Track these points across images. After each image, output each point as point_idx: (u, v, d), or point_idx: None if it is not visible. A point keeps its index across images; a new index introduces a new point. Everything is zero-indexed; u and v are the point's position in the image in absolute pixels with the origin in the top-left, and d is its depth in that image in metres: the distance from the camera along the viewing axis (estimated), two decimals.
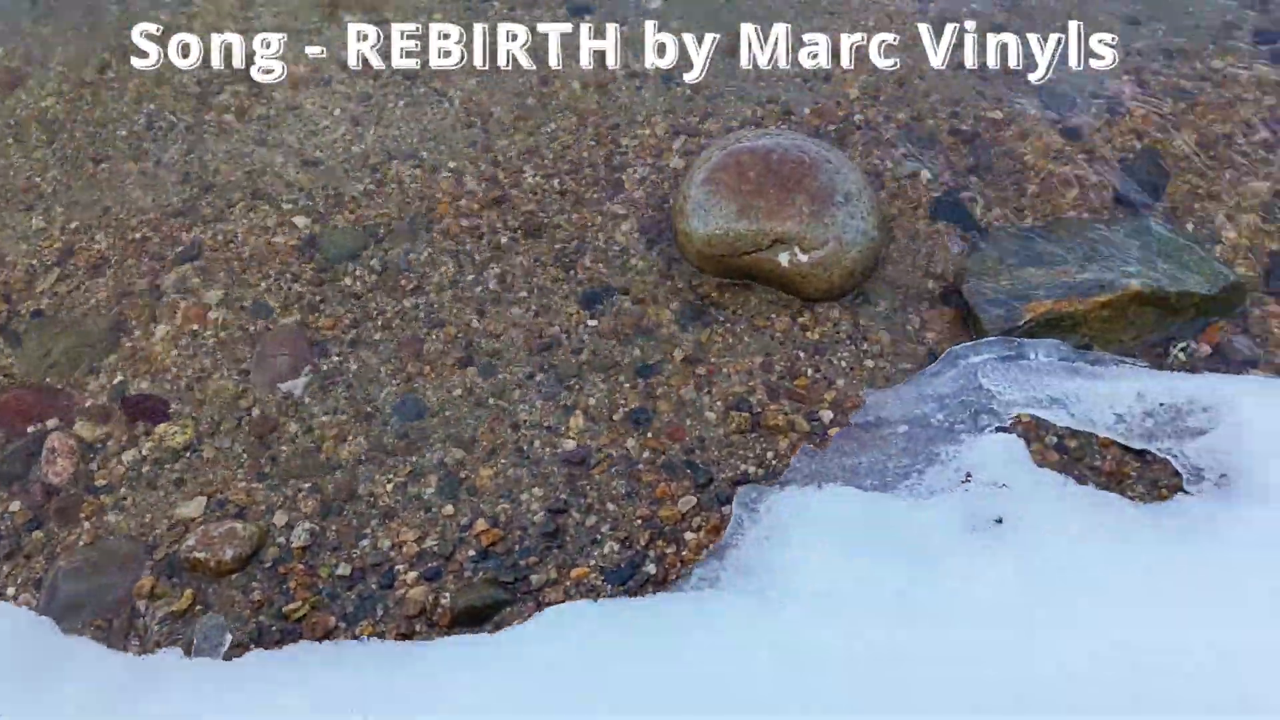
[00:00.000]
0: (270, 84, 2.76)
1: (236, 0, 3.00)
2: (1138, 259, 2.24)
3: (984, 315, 2.18)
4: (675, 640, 1.40)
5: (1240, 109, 2.61)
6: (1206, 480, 1.74)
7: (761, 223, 2.19)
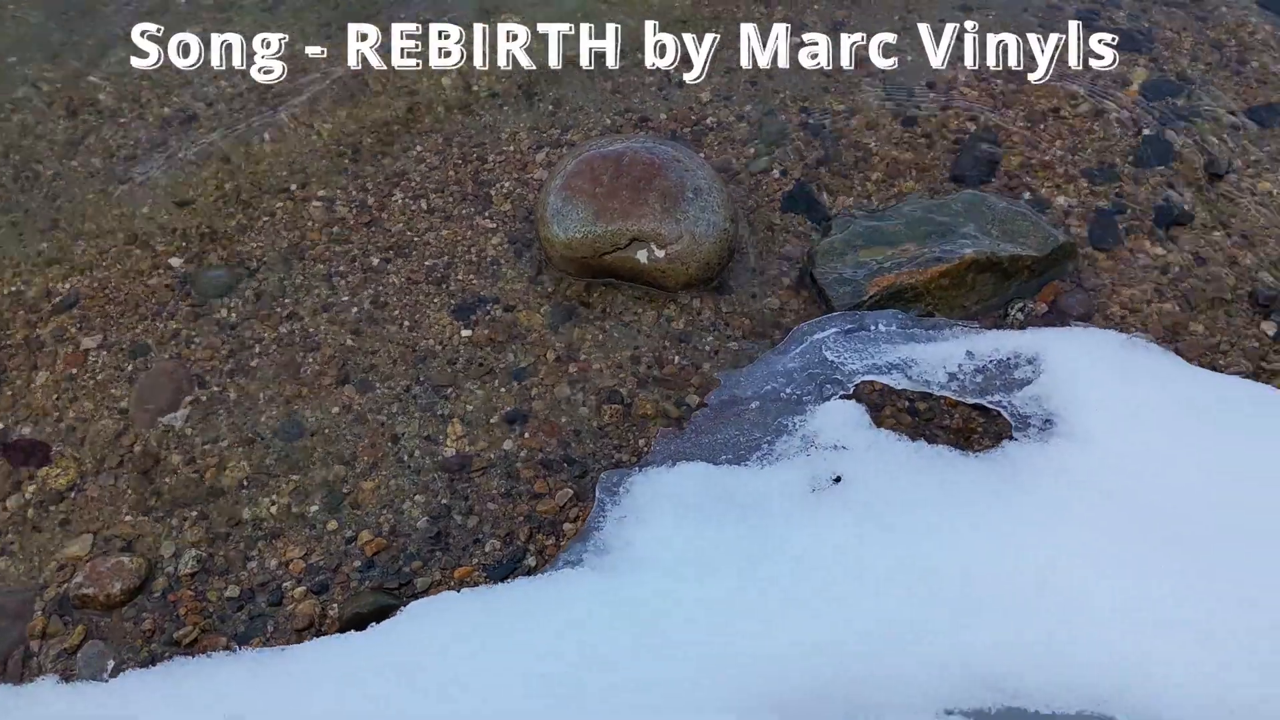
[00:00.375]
0: (137, 127, 2.80)
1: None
2: (974, 230, 2.40)
3: (833, 293, 2.32)
4: (532, 622, 1.48)
5: (1066, 84, 2.80)
6: (1032, 426, 1.88)
7: (617, 224, 2.29)
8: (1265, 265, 2.44)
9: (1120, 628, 1.49)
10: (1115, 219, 2.53)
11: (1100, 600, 1.52)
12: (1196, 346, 2.30)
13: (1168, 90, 2.79)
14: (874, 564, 1.58)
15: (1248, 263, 2.45)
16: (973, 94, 2.77)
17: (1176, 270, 2.43)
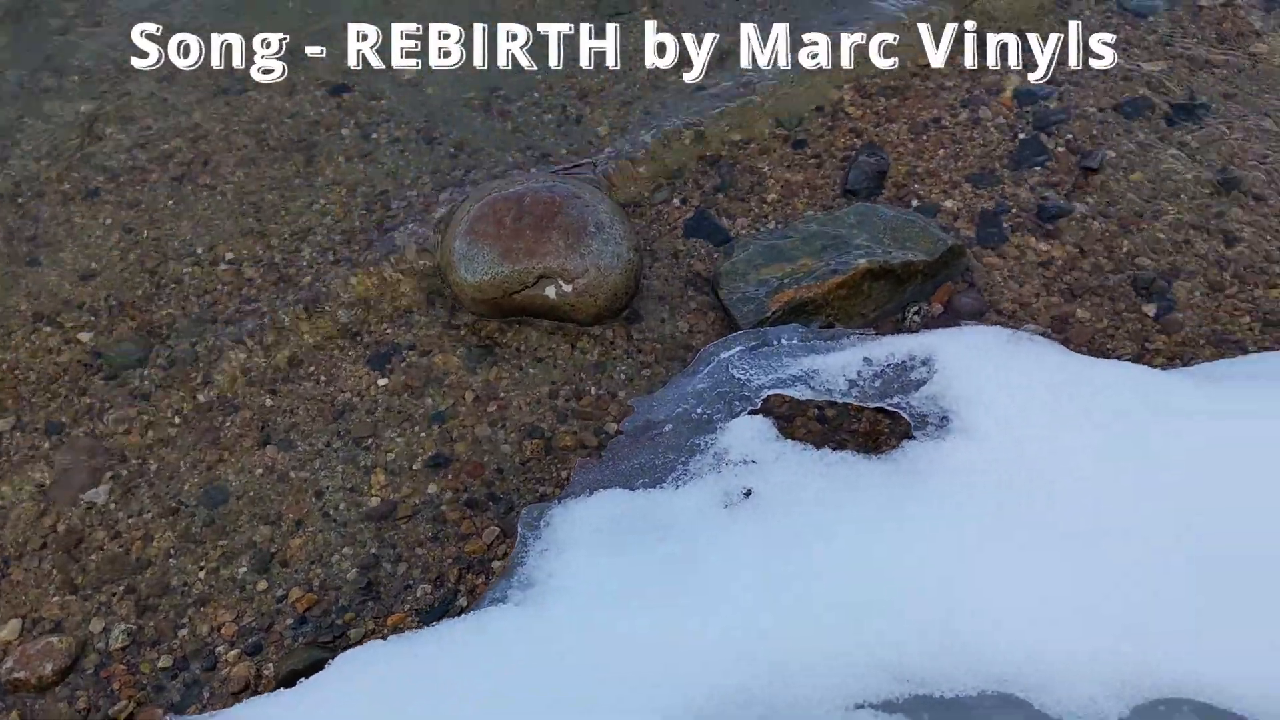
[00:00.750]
0: (37, 205, 2.78)
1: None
2: (867, 241, 2.50)
3: (737, 312, 2.41)
4: (456, 663, 1.52)
5: (946, 94, 2.94)
6: (930, 424, 1.98)
7: (524, 263, 2.35)
8: (1143, 250, 2.59)
9: (1017, 611, 1.58)
10: (1000, 219, 2.66)
11: (997, 587, 1.61)
12: (1084, 334, 2.43)
13: (1043, 94, 2.94)
14: (784, 570, 1.65)
15: (1126, 249, 2.59)
16: (856, 112, 2.89)
17: (1060, 263, 2.57)
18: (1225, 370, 2.16)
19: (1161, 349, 2.40)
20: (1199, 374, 2.14)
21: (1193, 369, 2.22)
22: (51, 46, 3.19)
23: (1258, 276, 2.52)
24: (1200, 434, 1.84)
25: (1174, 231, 2.62)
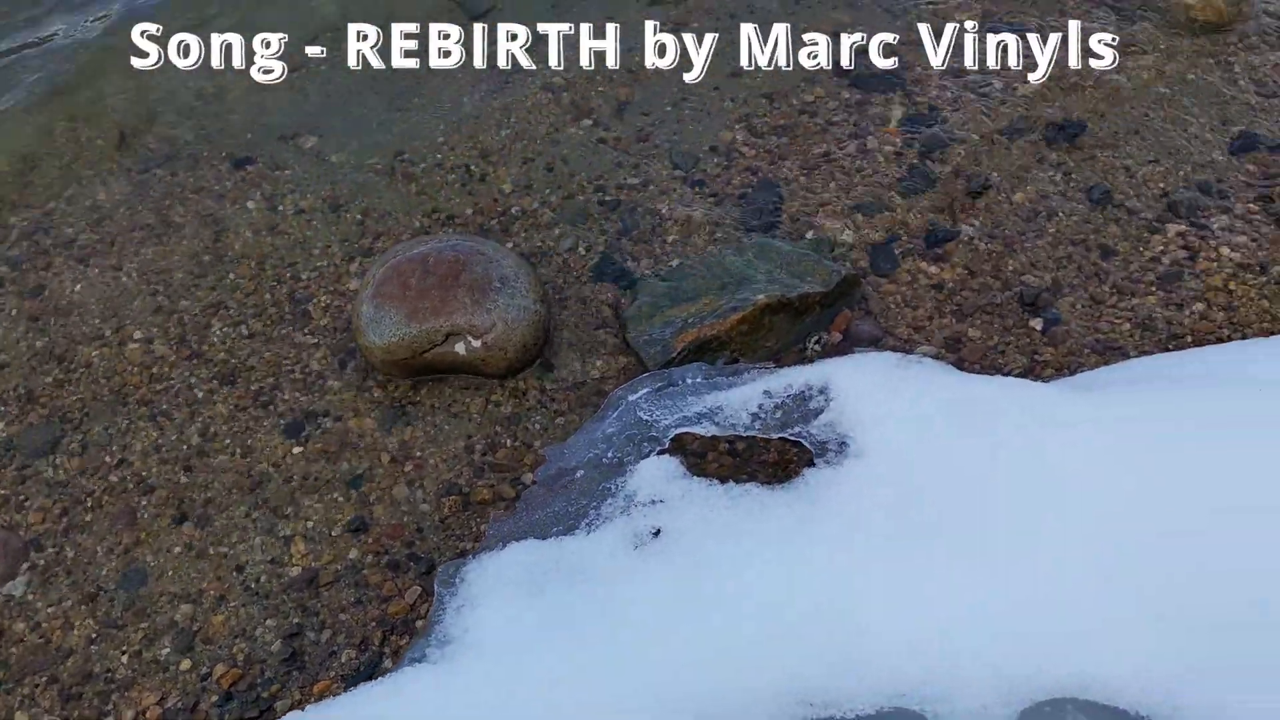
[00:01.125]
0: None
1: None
2: (765, 276, 2.59)
3: (645, 354, 2.47)
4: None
5: (833, 129, 3.06)
6: (830, 451, 2.06)
7: (431, 322, 2.40)
8: (1028, 268, 2.72)
9: (913, 627, 1.65)
10: (892, 246, 2.77)
11: (894, 604, 1.68)
12: (977, 351, 2.54)
13: (926, 121, 3.08)
14: (692, 606, 1.70)
15: (1012, 268, 2.72)
16: (750, 151, 2.99)
17: (951, 285, 2.69)
18: (1107, 377, 2.28)
19: (1050, 360, 2.51)
20: (1082, 383, 2.26)
21: (1077, 378, 2.34)
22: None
23: (1134, 285, 2.66)
24: (1083, 442, 1.94)
25: (1056, 248, 2.76)
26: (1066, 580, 1.71)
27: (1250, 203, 2.85)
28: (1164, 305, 2.61)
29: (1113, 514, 1.81)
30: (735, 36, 3.31)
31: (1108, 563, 1.73)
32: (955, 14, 3.38)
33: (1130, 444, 1.94)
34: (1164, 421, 1.91)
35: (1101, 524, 1.77)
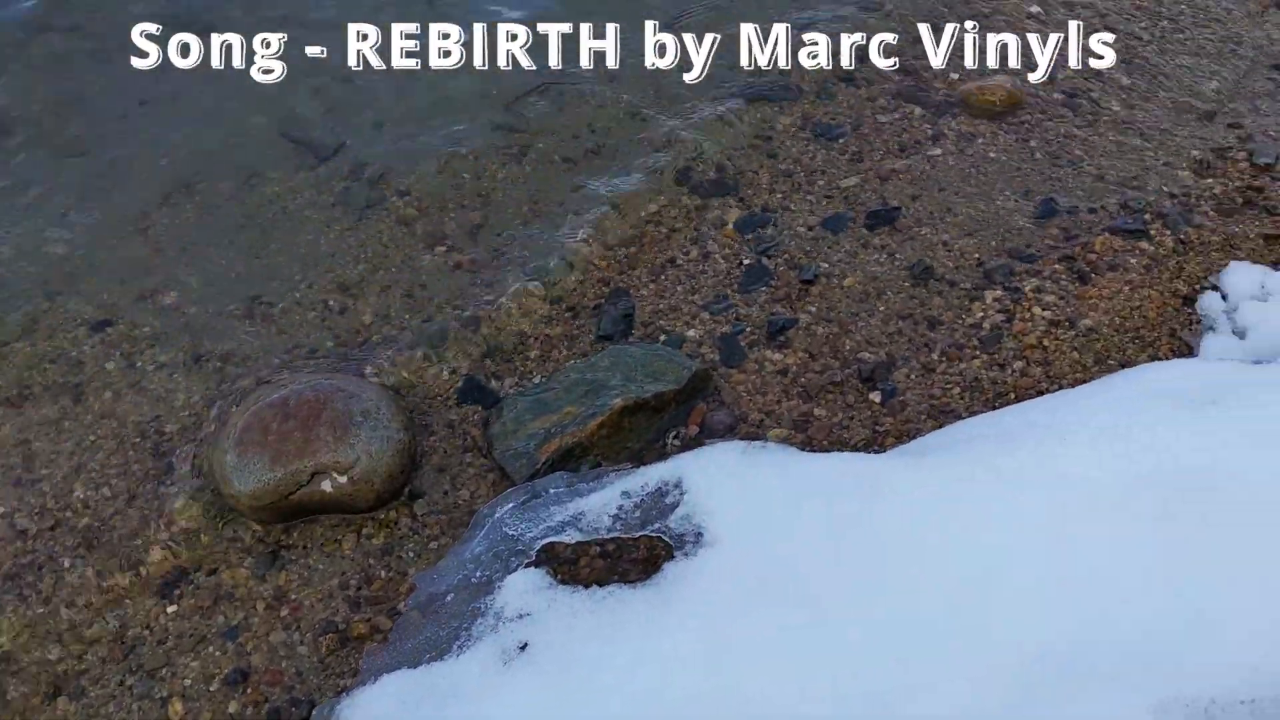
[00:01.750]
0: None
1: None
2: (621, 380, 2.73)
3: (511, 469, 2.56)
4: None
5: (676, 236, 3.26)
6: (688, 543, 2.16)
7: (295, 464, 2.44)
8: (863, 346, 2.92)
9: (770, 708, 1.74)
10: (738, 338, 2.95)
11: (751, 688, 1.78)
12: (824, 429, 2.71)
13: (759, 221, 3.30)
14: (561, 708, 1.76)
15: (849, 347, 2.92)
16: (601, 263, 3.16)
17: (795, 369, 2.86)
18: (936, 441, 2.46)
19: (890, 430, 2.69)
20: (914, 450, 2.43)
21: (912, 444, 2.51)
22: None
23: (960, 351, 2.88)
24: (910, 507, 2.09)
25: (887, 324, 2.98)
26: (897, 637, 1.83)
27: (1056, 263, 3.14)
28: (988, 367, 2.84)
29: (939, 572, 1.95)
30: (574, 152, 3.52)
31: (938, 619, 1.86)
32: (780, 118, 3.67)
33: (954, 506, 2.10)
34: (984, 482, 2.08)
35: (928, 582, 1.91)
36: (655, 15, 4.08)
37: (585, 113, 3.68)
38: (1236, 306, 2.81)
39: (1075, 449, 2.15)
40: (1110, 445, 2.01)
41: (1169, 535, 1.80)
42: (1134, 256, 3.14)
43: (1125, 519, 1.86)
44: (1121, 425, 2.05)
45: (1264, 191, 3.37)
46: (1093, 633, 1.70)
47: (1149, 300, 2.98)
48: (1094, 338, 2.88)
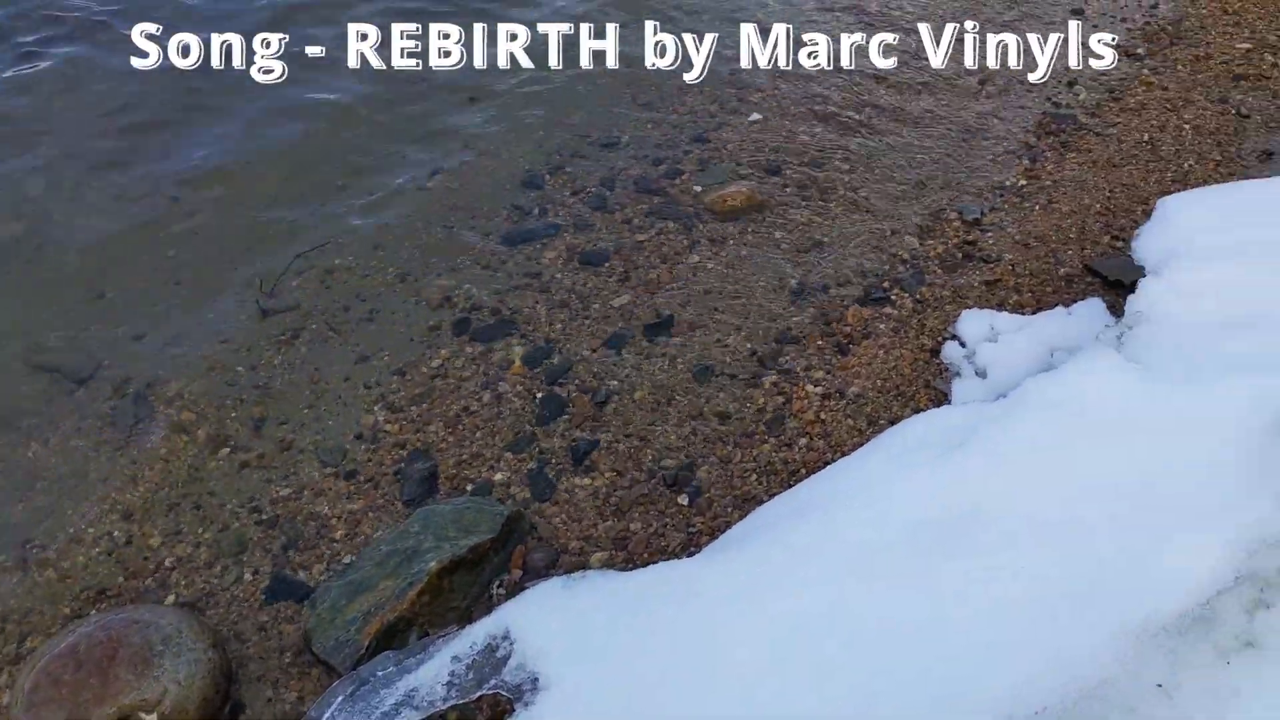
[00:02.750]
0: None
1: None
2: (434, 541, 2.72)
3: (335, 661, 2.49)
4: None
5: (466, 384, 3.33)
6: (525, 692, 2.17)
7: (98, 710, 2.28)
8: (664, 453, 3.06)
9: None
10: (544, 472, 3.02)
11: None
12: (641, 542, 2.80)
13: (544, 354, 3.43)
14: None
15: (651, 457, 3.05)
16: (394, 428, 3.18)
17: (604, 490, 2.96)
18: (742, 530, 2.59)
19: (703, 528, 2.82)
20: (722, 544, 2.55)
21: (719, 540, 2.64)
22: None
23: (751, 439, 3.07)
24: (717, 602, 2.19)
25: (681, 427, 3.13)
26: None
27: (818, 340, 3.42)
28: (777, 449, 3.03)
29: (750, 666, 2.04)
30: (348, 325, 3.55)
31: (734, 708, 1.95)
32: (545, 254, 3.85)
33: (753, 590, 2.21)
34: (778, 561, 2.21)
35: (741, 679, 2.00)
36: (409, 169, 4.24)
37: (351, 283, 3.73)
38: (974, 350, 3.15)
39: (851, 512, 2.34)
40: (880, 504, 2.20)
41: (937, 578, 1.98)
42: (882, 322, 3.47)
43: (897, 573, 2.03)
44: (886, 483, 2.25)
45: (977, 244, 3.82)
46: (880, 684, 1.82)
47: (902, 359, 3.29)
48: (862, 403, 3.14)
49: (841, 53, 5.05)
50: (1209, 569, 1.80)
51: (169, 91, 4.72)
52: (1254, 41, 5.00)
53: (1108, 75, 4.86)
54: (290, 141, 4.46)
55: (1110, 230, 3.82)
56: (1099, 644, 1.72)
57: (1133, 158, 4.23)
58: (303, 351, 3.47)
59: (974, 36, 5.19)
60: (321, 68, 4.96)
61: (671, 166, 4.33)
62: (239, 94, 4.74)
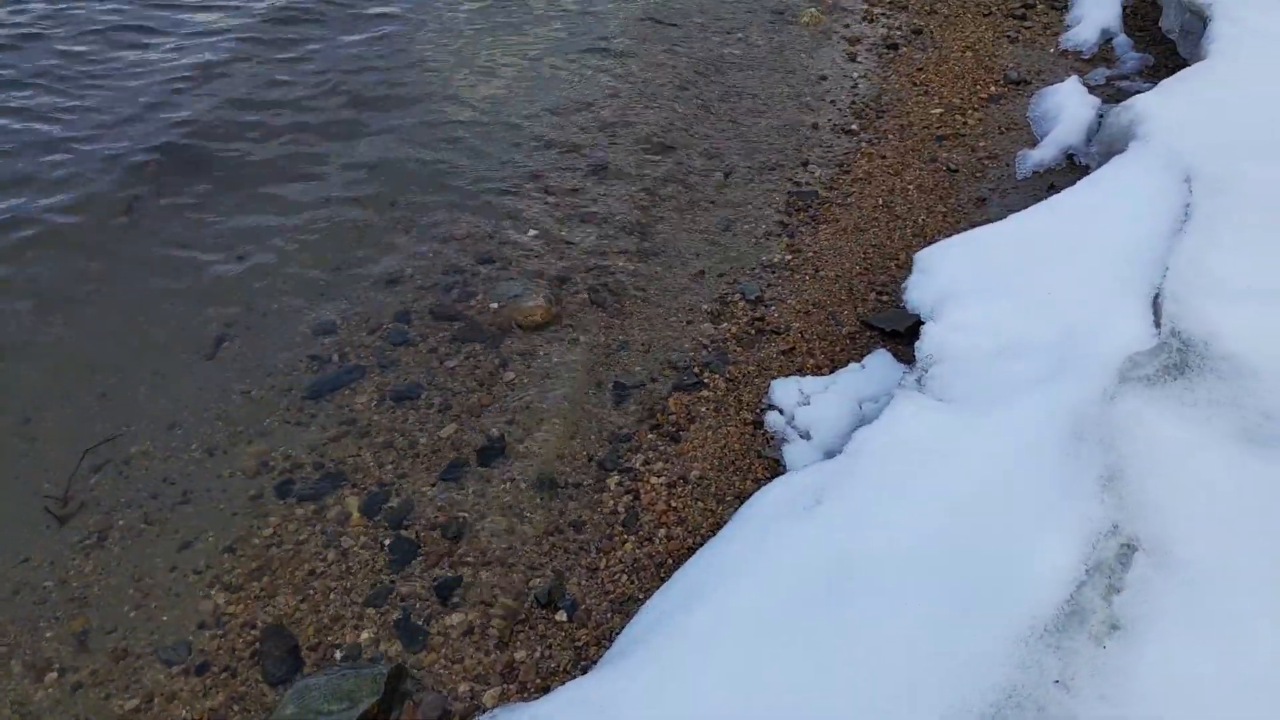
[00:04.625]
0: None
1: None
2: (319, 718, 2.62)
3: None
4: None
5: (305, 547, 3.23)
6: None
7: None
8: (530, 573, 3.11)
9: None
10: (411, 620, 2.98)
11: None
12: (531, 669, 2.83)
13: (381, 499, 3.40)
14: None
15: (517, 580, 3.09)
16: (237, 608, 3.03)
17: (479, 624, 2.96)
18: (630, 635, 2.68)
19: (589, 640, 2.89)
20: (617, 654, 2.63)
21: (613, 650, 2.71)
22: None
23: (611, 542, 3.20)
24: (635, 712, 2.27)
25: (540, 545, 3.21)
26: None
27: (649, 433, 3.62)
28: (638, 545, 3.18)
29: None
30: (161, 513, 3.36)
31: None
32: (355, 399, 3.83)
33: (660, 693, 2.30)
34: (679, 650, 2.33)
35: None
36: (190, 345, 4.09)
37: (154, 468, 3.54)
38: (793, 415, 3.46)
39: (738, 584, 2.51)
40: (761, 576, 2.38)
41: (832, 626, 2.18)
42: (702, 405, 3.73)
43: (792, 633, 2.21)
44: (758, 554, 2.45)
45: (765, 319, 4.21)
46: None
47: (729, 435, 3.56)
48: (706, 483, 3.36)
49: (612, 160, 5.41)
50: (1066, 566, 2.10)
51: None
52: (943, 106, 5.87)
53: (833, 151, 5.52)
54: (55, 332, 4.18)
55: (874, 287, 4.33)
56: (998, 653, 1.96)
57: (874, 220, 4.83)
58: (115, 551, 3.24)
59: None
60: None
61: (463, 290, 4.45)
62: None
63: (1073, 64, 6.34)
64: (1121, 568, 2.07)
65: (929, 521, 2.39)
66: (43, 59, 6.23)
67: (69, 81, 5.94)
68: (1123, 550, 2.11)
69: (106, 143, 5.39)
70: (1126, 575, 2.05)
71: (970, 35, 6.77)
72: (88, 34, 6.61)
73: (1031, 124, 5.61)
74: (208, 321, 4.22)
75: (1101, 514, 2.20)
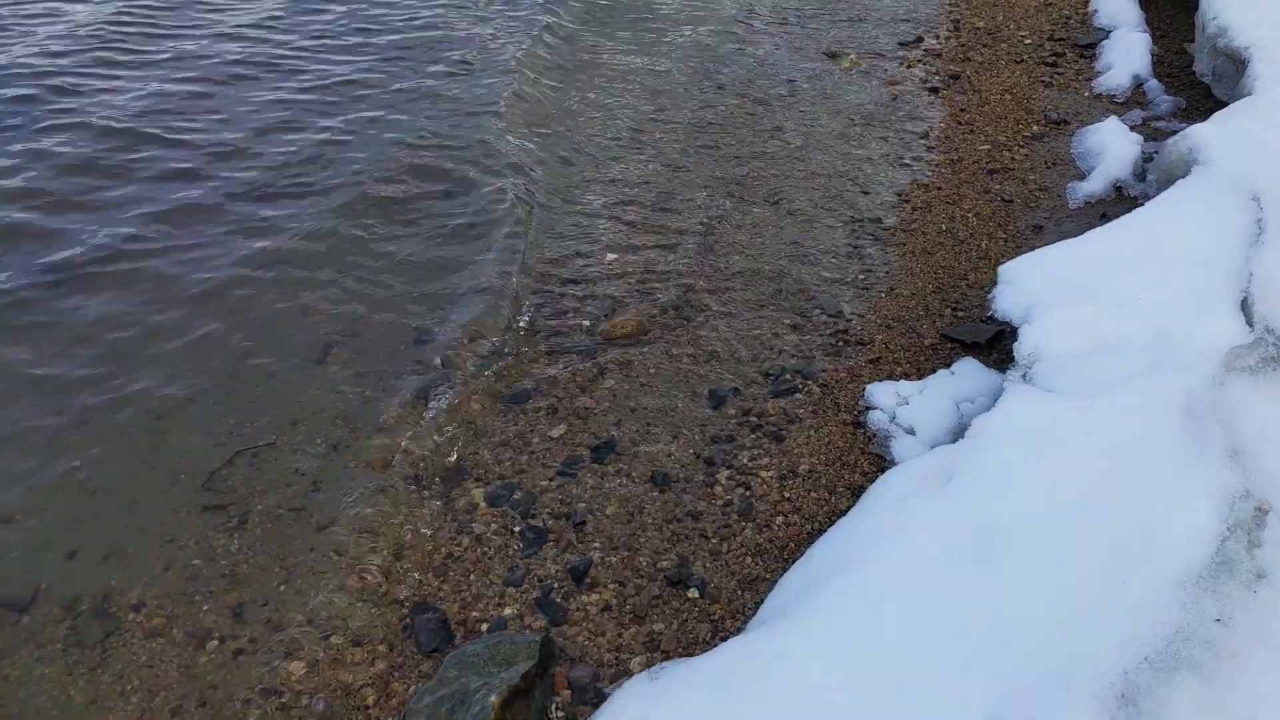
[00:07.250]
0: None
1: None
2: (479, 679, 2.81)
3: None
4: None
5: (440, 533, 3.44)
6: None
7: None
8: (657, 556, 3.33)
9: None
10: (551, 597, 3.19)
11: None
12: (672, 639, 3.04)
13: (504, 493, 3.62)
14: None
15: (647, 562, 3.31)
16: (382, 586, 3.23)
17: (615, 601, 3.18)
18: (767, 610, 2.88)
19: (722, 615, 3.11)
20: (757, 624, 2.84)
21: (761, 614, 2.92)
22: None
23: (730, 529, 3.42)
24: (806, 666, 2.48)
25: (663, 531, 3.43)
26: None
27: (750, 434, 3.86)
28: (757, 531, 3.41)
29: (873, 692, 2.35)
30: (297, 499, 3.57)
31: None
32: (470, 404, 4.06)
33: (858, 639, 2.50)
34: (858, 616, 2.54)
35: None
36: (302, 361, 4.32)
37: (286, 461, 3.75)
38: (894, 414, 3.72)
39: (888, 552, 2.73)
40: (908, 544, 2.61)
41: (989, 581, 2.41)
42: (800, 409, 3.98)
43: (949, 589, 2.44)
44: (900, 527, 2.68)
45: (847, 331, 4.48)
46: (1004, 667, 2.21)
47: (832, 435, 3.81)
48: (816, 476, 3.60)
49: (681, 193, 5.71)
50: (1208, 526, 2.35)
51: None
52: (990, 143, 6.22)
53: (892, 183, 5.84)
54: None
55: (949, 304, 4.62)
56: (1161, 597, 2.20)
57: (940, 245, 5.13)
58: (258, 533, 3.45)
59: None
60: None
61: (555, 308, 4.70)
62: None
63: (1108, 106, 6.72)
64: (1258, 527, 2.32)
65: (1061, 492, 2.63)
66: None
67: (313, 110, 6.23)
68: (1257, 513, 2.37)
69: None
70: (1263, 534, 2.30)
71: (1006, 80, 7.16)
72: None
73: (1076, 159, 5.96)
74: (314, 330, 4.46)
75: (1234, 481, 2.45)
